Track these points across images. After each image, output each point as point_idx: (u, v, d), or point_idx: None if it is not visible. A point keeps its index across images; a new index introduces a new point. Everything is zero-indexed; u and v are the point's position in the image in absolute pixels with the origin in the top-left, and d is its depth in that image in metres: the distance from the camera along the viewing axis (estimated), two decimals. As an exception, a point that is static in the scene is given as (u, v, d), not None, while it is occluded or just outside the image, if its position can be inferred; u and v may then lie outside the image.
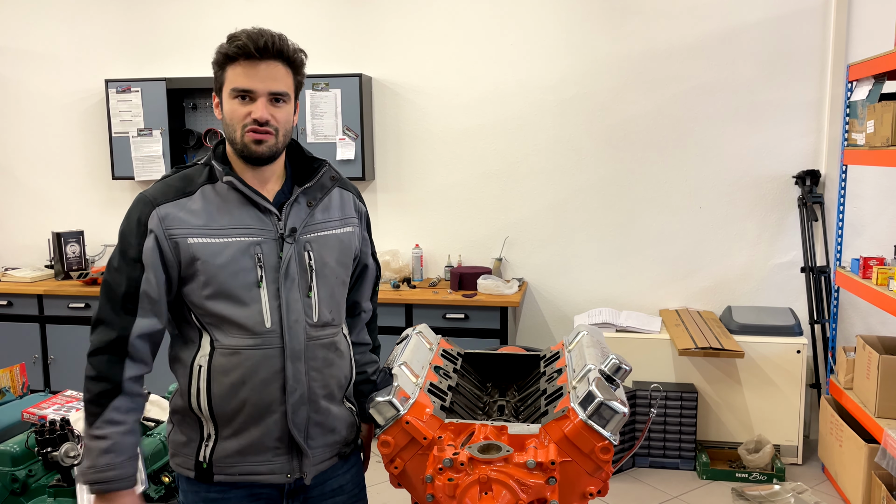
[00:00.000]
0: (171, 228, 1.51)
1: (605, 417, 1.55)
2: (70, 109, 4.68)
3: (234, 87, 1.50)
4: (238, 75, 1.50)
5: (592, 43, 4.09)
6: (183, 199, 1.53)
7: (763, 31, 3.91)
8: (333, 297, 1.64)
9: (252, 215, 1.55)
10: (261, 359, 1.53)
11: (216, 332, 1.53)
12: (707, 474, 3.56)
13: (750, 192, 4.03)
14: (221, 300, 1.52)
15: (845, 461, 3.29)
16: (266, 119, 1.50)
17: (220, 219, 1.53)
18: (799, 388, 3.66)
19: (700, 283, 4.15)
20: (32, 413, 2.34)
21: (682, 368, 3.74)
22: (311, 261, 1.59)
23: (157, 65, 4.52)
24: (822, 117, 3.90)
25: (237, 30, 1.52)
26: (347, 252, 1.67)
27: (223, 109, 1.55)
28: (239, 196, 1.54)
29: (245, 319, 1.52)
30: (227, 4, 4.41)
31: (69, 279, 4.43)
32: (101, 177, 4.67)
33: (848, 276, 3.40)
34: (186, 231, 1.51)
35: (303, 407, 1.57)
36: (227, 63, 1.51)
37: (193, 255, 1.50)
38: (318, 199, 1.62)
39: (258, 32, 1.50)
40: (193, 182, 1.56)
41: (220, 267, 1.50)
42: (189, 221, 1.51)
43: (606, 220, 4.20)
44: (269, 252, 1.54)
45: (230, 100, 1.52)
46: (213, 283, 1.51)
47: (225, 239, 1.52)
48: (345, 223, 1.67)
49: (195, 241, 1.51)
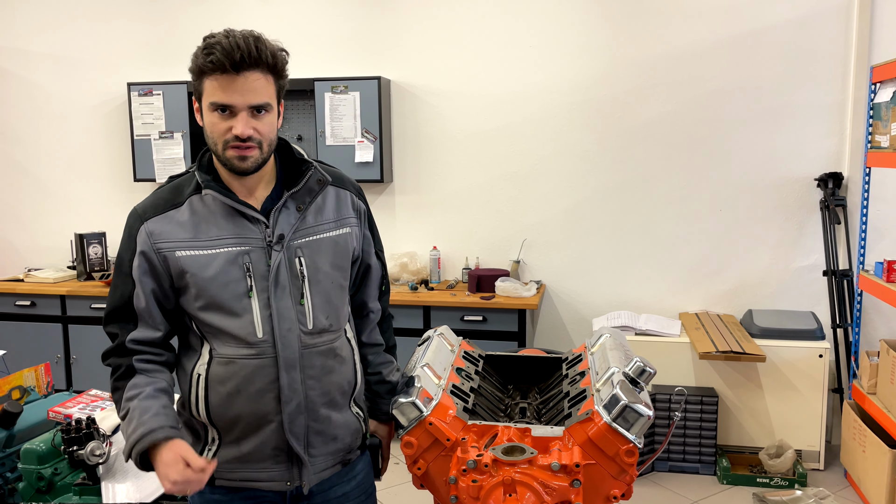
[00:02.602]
0: (158, 243, 1.50)
1: (629, 420, 1.54)
2: (93, 112, 4.74)
3: (214, 101, 1.45)
4: (216, 89, 1.44)
5: (612, 45, 4.08)
6: (171, 212, 1.52)
7: (785, 32, 3.88)
8: (330, 302, 1.59)
9: (239, 224, 1.52)
10: (255, 369, 1.51)
11: (214, 341, 1.53)
12: (727, 479, 3.53)
13: (771, 195, 4.00)
14: (213, 311, 1.50)
15: (868, 467, 3.25)
16: (248, 135, 1.45)
17: (208, 230, 1.51)
18: (821, 393, 3.62)
19: (720, 287, 4.12)
20: (58, 412, 2.37)
21: (702, 372, 3.71)
22: (302, 267, 1.55)
23: (178, 68, 4.56)
24: (844, 119, 3.87)
25: (213, 34, 1.47)
26: (344, 254, 1.62)
27: (204, 121, 1.50)
28: (225, 205, 1.52)
29: (237, 330, 1.50)
30: (246, 7, 4.45)
31: (91, 280, 4.48)
32: (123, 179, 4.72)
33: (871, 279, 3.36)
34: (174, 244, 1.50)
35: (300, 416, 1.54)
36: (203, 74, 1.46)
37: (182, 269, 1.49)
38: (307, 203, 1.57)
39: (233, 44, 1.42)
40: (182, 193, 1.54)
41: (209, 279, 1.49)
42: (177, 234, 1.50)
43: (625, 222, 4.18)
44: (258, 260, 1.51)
45: (209, 112, 1.47)
46: (203, 295, 1.50)
47: (213, 250, 1.50)
48: (340, 224, 1.62)
49: (183, 255, 1.49)
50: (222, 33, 1.47)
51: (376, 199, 4.41)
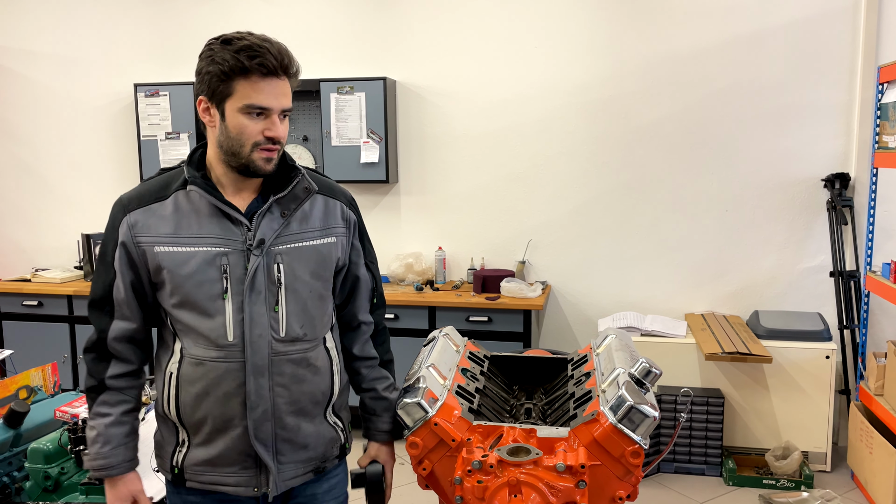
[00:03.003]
0: (139, 236, 1.50)
1: (635, 421, 1.54)
2: (99, 113, 4.76)
3: (251, 103, 1.45)
4: (253, 91, 1.45)
5: (618, 45, 4.07)
6: (155, 205, 1.52)
7: (791, 32, 3.86)
8: (306, 311, 1.57)
9: (221, 225, 1.51)
10: (223, 372, 1.51)
11: (185, 339, 1.53)
12: (733, 480, 3.52)
13: (778, 196, 3.98)
14: (186, 310, 1.51)
15: (875, 468, 3.24)
16: (282, 138, 1.50)
17: (189, 227, 1.50)
18: (828, 394, 3.60)
19: (726, 288, 4.10)
20: (65, 411, 2.37)
21: (708, 373, 3.70)
22: (280, 273, 1.53)
23: (184, 69, 4.58)
24: (851, 119, 3.85)
25: (238, 35, 1.47)
26: (326, 264, 1.59)
27: (227, 122, 1.48)
28: (209, 204, 1.51)
29: (208, 331, 1.50)
30: (253, 8, 4.46)
31: (98, 280, 4.49)
32: (129, 179, 4.74)
33: (878, 280, 3.34)
34: (153, 239, 1.50)
35: (267, 423, 1.53)
36: (236, 76, 1.45)
37: (159, 264, 1.49)
38: (291, 209, 1.55)
39: (276, 50, 1.45)
40: (169, 187, 1.54)
41: (185, 277, 1.49)
42: (157, 229, 1.50)
43: (631, 223, 4.18)
44: (236, 263, 1.50)
45: (240, 115, 1.46)
46: (178, 292, 1.50)
47: (191, 248, 1.50)
48: (326, 233, 1.60)
49: (161, 250, 1.49)
50: (255, 36, 1.47)
51: (381, 200, 4.42)
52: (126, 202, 1.54)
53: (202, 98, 1.50)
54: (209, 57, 1.47)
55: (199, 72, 1.50)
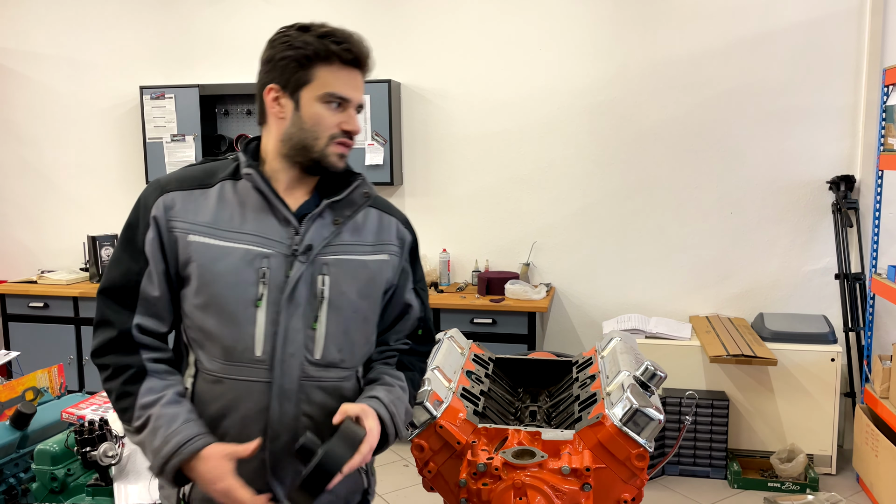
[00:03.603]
0: (173, 220, 1.33)
1: (640, 424, 1.54)
2: (105, 115, 4.78)
3: (332, 91, 1.33)
4: (336, 80, 1.34)
5: (622, 47, 4.07)
6: (197, 191, 1.35)
7: (796, 35, 3.86)
8: (347, 333, 1.38)
9: (267, 223, 1.34)
10: (244, 392, 1.32)
11: (200, 351, 1.34)
12: (738, 483, 3.51)
13: (782, 198, 3.98)
14: (212, 313, 1.31)
15: (881, 471, 3.23)
16: (358, 133, 1.38)
17: (230, 220, 1.34)
18: (833, 397, 3.59)
19: (731, 290, 4.10)
20: (71, 413, 2.38)
21: (712, 376, 3.70)
22: (324, 287, 1.34)
23: (190, 71, 4.59)
24: (857, 122, 3.84)
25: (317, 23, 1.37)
26: (375, 283, 1.41)
27: (302, 112, 1.34)
28: (259, 199, 1.35)
29: (233, 341, 1.31)
30: (259, 11, 4.47)
31: (103, 282, 4.51)
32: (135, 181, 4.75)
33: (884, 282, 3.33)
34: (188, 226, 1.32)
35: (287, 458, 1.33)
36: (318, 61, 1.33)
37: (190, 255, 1.31)
38: (346, 217, 1.39)
39: (360, 40, 1.37)
40: (215, 175, 1.38)
41: (217, 274, 1.31)
42: (195, 216, 1.33)
43: (635, 225, 4.17)
44: (277, 268, 1.32)
45: (319, 104, 1.33)
46: (206, 291, 1.31)
47: (229, 243, 1.32)
48: (378, 249, 1.42)
49: (195, 240, 1.32)
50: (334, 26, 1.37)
51: (386, 202, 4.42)
52: (164, 183, 1.37)
53: (273, 86, 1.36)
54: (285, 42, 1.35)
55: (269, 59, 1.37)
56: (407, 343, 1.48)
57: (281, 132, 1.36)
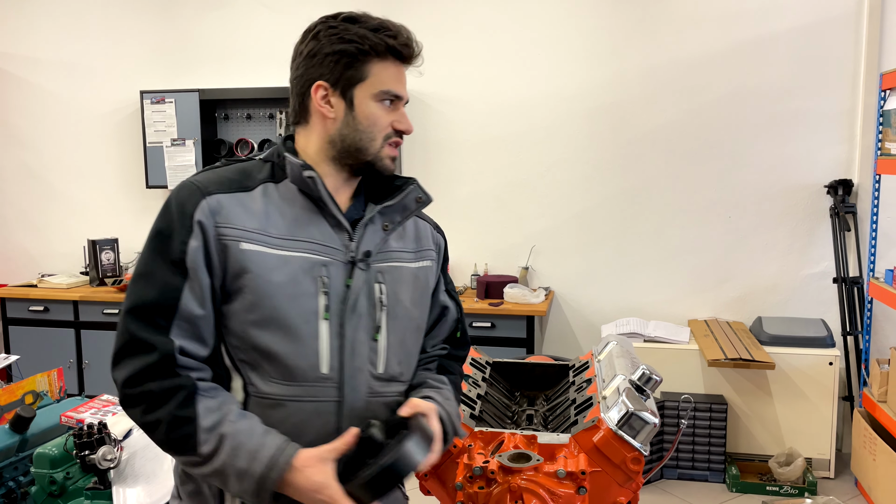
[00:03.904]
0: (223, 226, 1.17)
1: (635, 428, 1.55)
2: (106, 120, 4.80)
3: (388, 89, 1.25)
4: (391, 76, 1.26)
5: (620, 52, 4.09)
6: (241, 194, 1.20)
7: (794, 39, 3.88)
8: (404, 344, 1.30)
9: (321, 229, 1.23)
10: (311, 415, 1.18)
11: (253, 374, 1.19)
12: (737, 487, 3.51)
13: (780, 202, 3.99)
14: (270, 330, 1.17)
15: (879, 475, 3.23)
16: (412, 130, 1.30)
17: (281, 226, 1.20)
18: (831, 401, 3.60)
19: (730, 294, 4.11)
20: (70, 416, 2.39)
21: (711, 379, 3.70)
22: (381, 295, 1.25)
23: (190, 76, 4.61)
24: (854, 126, 3.85)
25: (352, 13, 1.26)
26: (425, 291, 1.35)
27: (356, 111, 1.24)
28: (307, 203, 1.23)
29: (296, 359, 1.17)
30: (258, 16, 4.49)
31: (104, 286, 4.52)
32: (135, 186, 4.77)
33: (881, 286, 3.34)
34: (240, 232, 1.17)
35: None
36: (372, 56, 1.24)
37: (243, 266, 1.16)
38: (396, 222, 1.30)
39: (409, 32, 1.30)
40: (252, 177, 1.23)
41: (276, 286, 1.16)
42: (245, 221, 1.18)
43: (634, 229, 4.19)
44: (336, 277, 1.21)
45: (374, 102, 1.25)
46: (263, 305, 1.16)
47: (286, 252, 1.19)
48: (420, 256, 1.35)
49: (249, 248, 1.17)
50: (381, 17, 1.28)
51: (385, 206, 4.43)
52: (202, 184, 1.19)
53: (321, 83, 1.24)
54: (334, 35, 1.23)
55: (314, 53, 1.24)
56: (445, 347, 1.43)
57: (329, 133, 1.26)
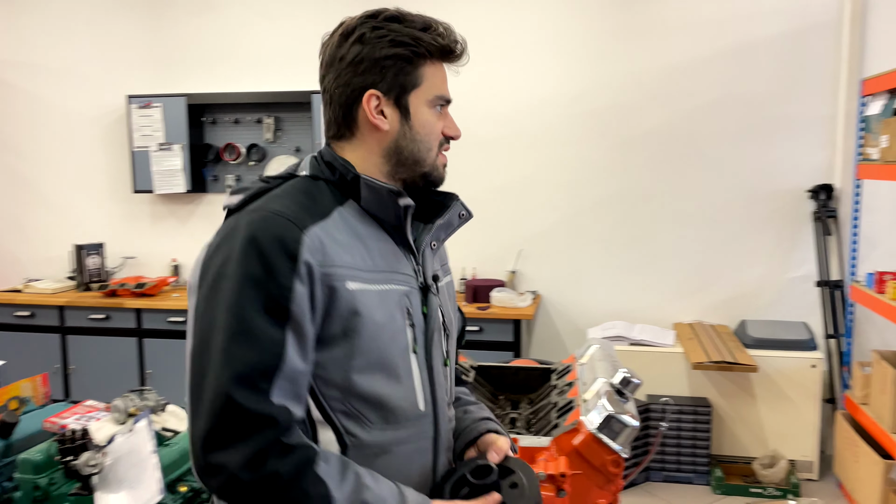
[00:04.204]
0: (329, 265, 1.03)
1: (614, 430, 1.57)
2: (92, 124, 4.78)
3: (441, 94, 1.15)
4: (441, 79, 1.16)
5: (607, 57, 4.12)
6: (324, 223, 1.06)
7: (777, 46, 3.92)
8: (453, 365, 1.25)
9: (396, 255, 1.13)
10: (413, 456, 1.12)
11: (351, 424, 1.07)
12: (721, 489, 3.54)
13: (764, 206, 4.03)
14: (375, 374, 1.07)
15: (861, 477, 3.26)
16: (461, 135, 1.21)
17: (369, 256, 1.09)
18: (814, 403, 3.63)
19: (714, 297, 4.14)
20: (53, 422, 2.38)
21: (696, 382, 3.73)
22: (443, 317, 1.19)
23: (177, 80, 4.61)
24: (836, 132, 3.90)
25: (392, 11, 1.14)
26: (455, 306, 1.32)
27: (413, 121, 1.14)
28: (375, 225, 1.12)
29: (400, 400, 1.09)
30: (246, 21, 4.49)
31: (89, 291, 4.50)
32: (121, 190, 4.76)
33: (863, 290, 3.38)
34: (344, 270, 1.04)
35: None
36: (426, 59, 1.13)
37: (354, 308, 1.04)
38: (441, 240, 1.23)
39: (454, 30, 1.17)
40: (319, 201, 1.09)
41: (380, 326, 1.07)
42: (343, 256, 1.05)
43: (621, 233, 4.21)
44: (416, 306, 1.14)
45: (428, 109, 1.15)
46: (370, 349, 1.06)
47: (382, 286, 1.09)
48: (447, 270, 1.31)
49: (356, 288, 1.05)
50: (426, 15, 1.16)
51: (373, 211, 4.44)
52: (292, 216, 1.03)
53: (373, 92, 1.11)
54: (383, 38, 1.10)
55: (361, 58, 1.11)
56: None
57: (383, 146, 1.14)
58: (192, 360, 1.01)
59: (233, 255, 1.00)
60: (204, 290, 1.02)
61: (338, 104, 1.15)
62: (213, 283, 1.00)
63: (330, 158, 1.15)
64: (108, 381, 4.21)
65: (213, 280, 1.01)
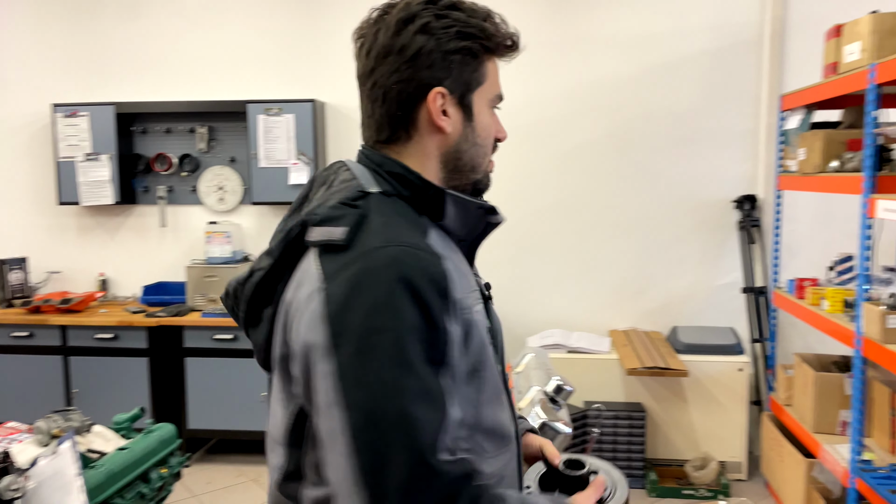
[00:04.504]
0: (464, 297, 0.94)
1: (548, 437, 1.59)
2: (15, 133, 4.59)
3: (500, 92, 1.07)
4: (497, 76, 1.06)
5: (542, 73, 4.20)
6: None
7: (702, 63, 4.08)
8: None
9: (468, 269, 1.05)
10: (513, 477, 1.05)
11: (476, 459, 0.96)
12: (656, 492, 3.63)
13: (693, 216, 4.17)
14: (493, 402, 0.99)
15: (786, 476, 3.40)
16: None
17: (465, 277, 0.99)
18: (742, 406, 3.77)
19: (648, 304, 4.26)
20: (-27, 446, 2.27)
21: (631, 388, 3.82)
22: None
23: (106, 89, 4.47)
24: (758, 144, 4.08)
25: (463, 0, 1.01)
26: None
27: (476, 122, 1.04)
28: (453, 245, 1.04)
29: (507, 422, 1.03)
30: (177, 28, 4.40)
31: (12, 308, 4.30)
32: (46, 202, 4.57)
33: (784, 296, 3.54)
34: (469, 300, 0.96)
35: None
36: (490, 53, 1.02)
37: (482, 339, 0.97)
38: (475, 250, 1.14)
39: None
40: (416, 223, 0.99)
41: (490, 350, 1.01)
42: (463, 283, 0.96)
43: (558, 243, 4.29)
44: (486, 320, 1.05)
45: (488, 109, 1.05)
46: (489, 378, 0.98)
47: (477, 306, 1.00)
48: None
49: (479, 317, 0.98)
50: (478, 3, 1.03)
51: (311, 222, 4.39)
52: (427, 247, 0.92)
53: (440, 90, 0.99)
54: (450, 28, 0.97)
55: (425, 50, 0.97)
56: None
57: (443, 150, 1.03)
58: (357, 436, 0.82)
59: (380, 302, 0.84)
60: (349, 351, 0.84)
61: (395, 102, 1.00)
62: (364, 341, 0.84)
63: (399, 169, 1.01)
64: (31, 401, 4.02)
65: (362, 337, 0.84)
